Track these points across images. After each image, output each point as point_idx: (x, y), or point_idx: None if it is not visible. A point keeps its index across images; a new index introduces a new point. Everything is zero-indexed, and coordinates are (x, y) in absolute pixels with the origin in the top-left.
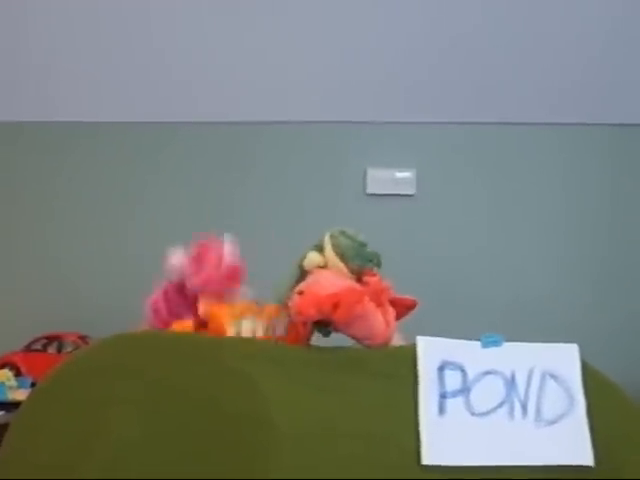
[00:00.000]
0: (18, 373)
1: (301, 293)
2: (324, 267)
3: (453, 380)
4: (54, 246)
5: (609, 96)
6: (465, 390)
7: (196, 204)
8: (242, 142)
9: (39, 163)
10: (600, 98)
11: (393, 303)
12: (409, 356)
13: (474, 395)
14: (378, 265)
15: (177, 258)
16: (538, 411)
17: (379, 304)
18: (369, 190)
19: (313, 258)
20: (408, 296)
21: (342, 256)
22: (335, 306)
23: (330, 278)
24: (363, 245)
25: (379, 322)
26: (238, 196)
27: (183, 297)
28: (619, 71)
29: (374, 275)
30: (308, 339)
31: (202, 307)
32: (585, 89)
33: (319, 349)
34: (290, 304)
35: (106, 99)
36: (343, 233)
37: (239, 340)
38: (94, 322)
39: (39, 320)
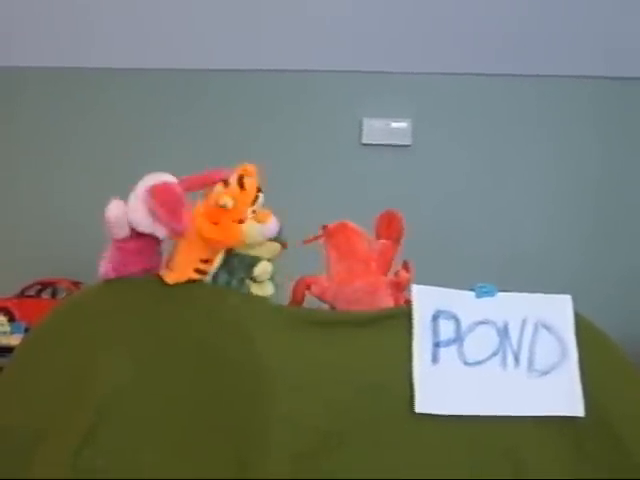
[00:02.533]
0: (12, 319)
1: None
2: None
3: (447, 329)
4: (49, 193)
5: (605, 49)
6: (458, 339)
7: (191, 151)
8: (237, 90)
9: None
10: (596, 50)
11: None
12: (404, 310)
13: (467, 344)
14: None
15: (117, 209)
16: (530, 361)
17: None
18: (364, 140)
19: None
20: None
21: None
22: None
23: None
24: None
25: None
26: (231, 145)
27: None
28: (613, 24)
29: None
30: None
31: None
32: (581, 41)
33: (312, 308)
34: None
35: (117, 45)
36: None
37: (237, 292)
38: (88, 269)
39: (33, 266)
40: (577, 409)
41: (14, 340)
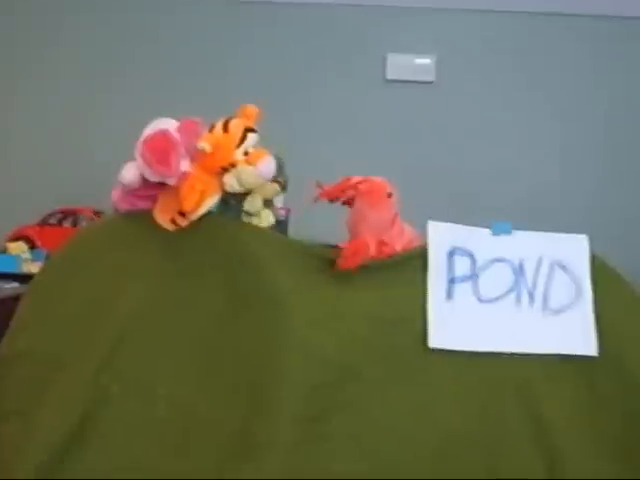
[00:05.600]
0: (33, 246)
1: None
2: None
3: (462, 266)
4: (72, 120)
5: None
6: (474, 276)
7: (212, 84)
8: (260, 23)
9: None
10: None
11: None
12: (420, 251)
13: (482, 282)
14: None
15: (130, 171)
16: (545, 300)
17: None
18: (389, 76)
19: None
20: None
21: None
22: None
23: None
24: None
25: None
26: (252, 81)
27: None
28: None
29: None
30: None
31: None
32: None
33: (330, 246)
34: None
35: None
36: None
37: (255, 227)
38: (110, 198)
39: (55, 194)
40: (590, 348)
41: (35, 267)
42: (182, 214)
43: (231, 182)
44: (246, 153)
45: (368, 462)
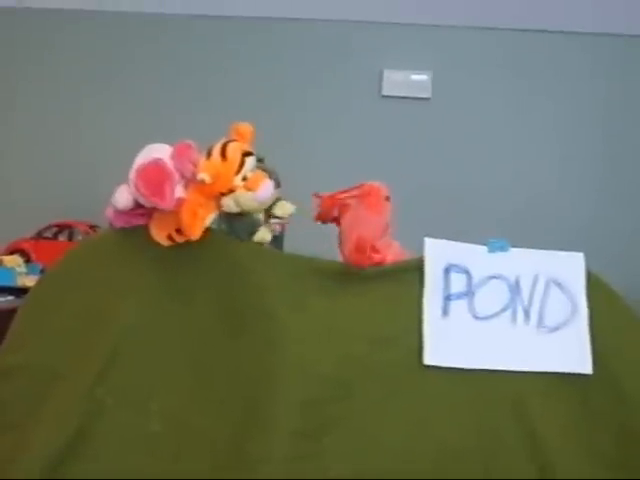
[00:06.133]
0: (28, 260)
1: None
2: None
3: (458, 283)
4: (69, 133)
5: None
6: (469, 293)
7: (209, 101)
8: (256, 40)
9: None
10: (613, 8)
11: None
12: (416, 263)
13: (478, 299)
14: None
15: (123, 196)
16: (541, 317)
17: None
18: (385, 92)
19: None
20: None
21: None
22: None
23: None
24: None
25: None
26: (252, 95)
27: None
28: None
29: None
30: None
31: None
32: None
33: (325, 259)
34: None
35: None
36: None
37: (249, 243)
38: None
39: (51, 208)
40: (585, 366)
41: (30, 281)
42: (178, 231)
43: (229, 203)
44: (244, 178)
45: (363, 477)
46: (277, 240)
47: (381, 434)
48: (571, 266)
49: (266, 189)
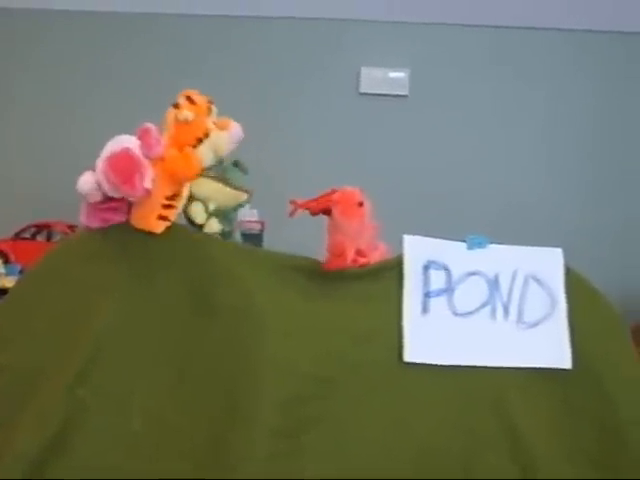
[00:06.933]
0: (7, 260)
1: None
2: None
3: (437, 279)
4: (44, 133)
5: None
6: (449, 290)
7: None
8: (233, 37)
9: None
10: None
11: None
12: (396, 261)
13: (458, 295)
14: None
15: (87, 181)
16: (520, 313)
17: None
18: (362, 89)
19: None
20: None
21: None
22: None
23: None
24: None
25: None
26: (229, 93)
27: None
28: None
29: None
30: None
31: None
32: None
33: (304, 257)
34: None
35: None
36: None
37: (230, 243)
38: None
39: (28, 208)
40: (565, 361)
41: (9, 282)
42: (168, 206)
43: (206, 155)
44: (214, 122)
45: (345, 475)
46: (256, 238)
47: (361, 431)
48: (550, 262)
49: (238, 128)
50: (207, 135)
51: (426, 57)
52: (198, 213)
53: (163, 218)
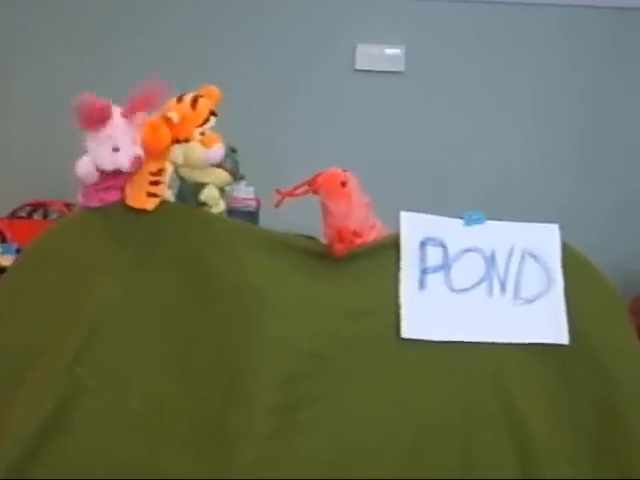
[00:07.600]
0: (3, 239)
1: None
2: None
3: (434, 256)
4: (42, 111)
5: None
6: (446, 266)
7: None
8: (228, 13)
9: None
10: None
11: None
12: (393, 238)
13: (454, 271)
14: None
15: (86, 165)
16: (516, 289)
17: None
18: (358, 66)
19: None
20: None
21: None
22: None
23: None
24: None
25: None
26: (224, 69)
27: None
28: None
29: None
30: None
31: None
32: None
33: (301, 235)
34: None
35: None
36: None
37: (226, 219)
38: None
39: (24, 187)
40: (561, 337)
41: (5, 261)
42: (154, 182)
43: (177, 154)
44: (202, 134)
45: (343, 452)
46: (252, 215)
47: (359, 408)
48: (546, 238)
49: (218, 151)
50: (186, 141)
51: (422, 34)
52: (212, 195)
53: (152, 195)
